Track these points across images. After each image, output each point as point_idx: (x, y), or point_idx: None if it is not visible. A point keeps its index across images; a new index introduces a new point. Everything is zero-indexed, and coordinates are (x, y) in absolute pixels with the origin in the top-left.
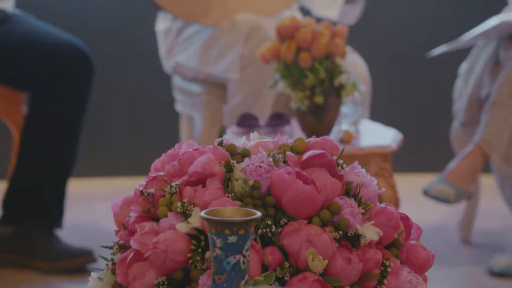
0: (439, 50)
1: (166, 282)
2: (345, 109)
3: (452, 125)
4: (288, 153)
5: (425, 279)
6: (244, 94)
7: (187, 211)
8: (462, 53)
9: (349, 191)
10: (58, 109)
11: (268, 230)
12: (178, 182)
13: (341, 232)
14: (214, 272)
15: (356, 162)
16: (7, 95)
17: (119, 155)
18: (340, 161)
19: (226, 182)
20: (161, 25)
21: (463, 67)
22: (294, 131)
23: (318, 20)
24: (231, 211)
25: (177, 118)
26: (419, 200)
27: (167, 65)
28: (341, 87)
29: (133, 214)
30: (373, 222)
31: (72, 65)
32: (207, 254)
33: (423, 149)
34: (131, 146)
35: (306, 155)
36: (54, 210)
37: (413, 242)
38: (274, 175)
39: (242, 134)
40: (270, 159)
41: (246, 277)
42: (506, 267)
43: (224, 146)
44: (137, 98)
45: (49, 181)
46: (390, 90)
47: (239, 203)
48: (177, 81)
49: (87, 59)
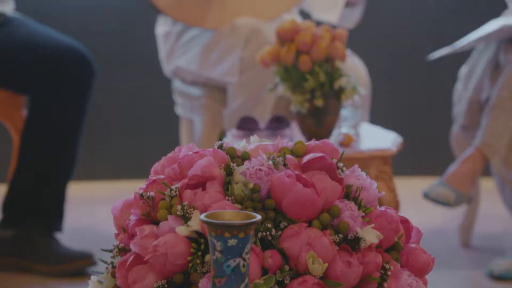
0: (439, 53)
1: (166, 286)
2: (345, 112)
3: (452, 128)
4: (288, 156)
5: (425, 283)
6: (244, 98)
7: (187, 214)
8: (462, 56)
9: (349, 194)
10: (58, 113)
11: (268, 233)
12: (178, 185)
13: (341, 235)
14: (214, 275)
15: (356, 165)
16: (7, 98)
17: (119, 158)
18: (340, 164)
19: (226, 185)
20: (161, 29)
21: (463, 70)
22: (294, 134)
23: (318, 24)
24: (231, 214)
25: (177, 121)
26: (419, 203)
27: (167, 69)
28: (341, 90)
29: (133, 217)
30: (373, 225)
31: (72, 69)
32: (207, 257)
33: (423, 152)
34: (131, 149)
35: (306, 158)
36: (54, 213)
37: (413, 246)
38: (274, 178)
39: (242, 137)
40: (270, 162)
41: (246, 280)
42: (506, 271)
43: (224, 149)
44: (137, 101)
45: (49, 184)
46: (390, 93)
47: (239, 206)
48: (177, 85)
49: (87, 63)
